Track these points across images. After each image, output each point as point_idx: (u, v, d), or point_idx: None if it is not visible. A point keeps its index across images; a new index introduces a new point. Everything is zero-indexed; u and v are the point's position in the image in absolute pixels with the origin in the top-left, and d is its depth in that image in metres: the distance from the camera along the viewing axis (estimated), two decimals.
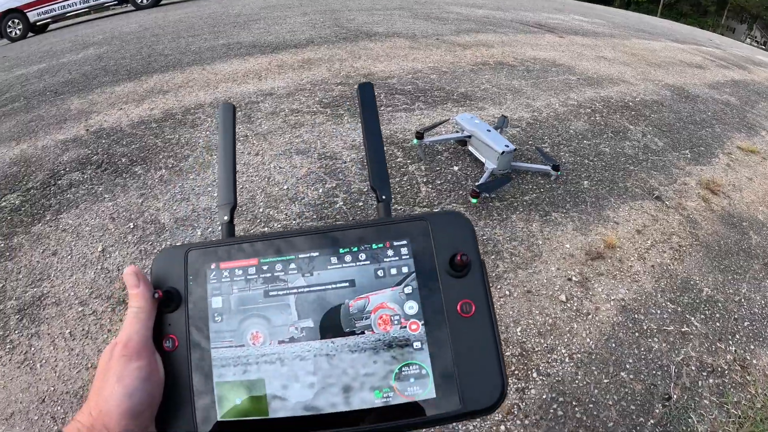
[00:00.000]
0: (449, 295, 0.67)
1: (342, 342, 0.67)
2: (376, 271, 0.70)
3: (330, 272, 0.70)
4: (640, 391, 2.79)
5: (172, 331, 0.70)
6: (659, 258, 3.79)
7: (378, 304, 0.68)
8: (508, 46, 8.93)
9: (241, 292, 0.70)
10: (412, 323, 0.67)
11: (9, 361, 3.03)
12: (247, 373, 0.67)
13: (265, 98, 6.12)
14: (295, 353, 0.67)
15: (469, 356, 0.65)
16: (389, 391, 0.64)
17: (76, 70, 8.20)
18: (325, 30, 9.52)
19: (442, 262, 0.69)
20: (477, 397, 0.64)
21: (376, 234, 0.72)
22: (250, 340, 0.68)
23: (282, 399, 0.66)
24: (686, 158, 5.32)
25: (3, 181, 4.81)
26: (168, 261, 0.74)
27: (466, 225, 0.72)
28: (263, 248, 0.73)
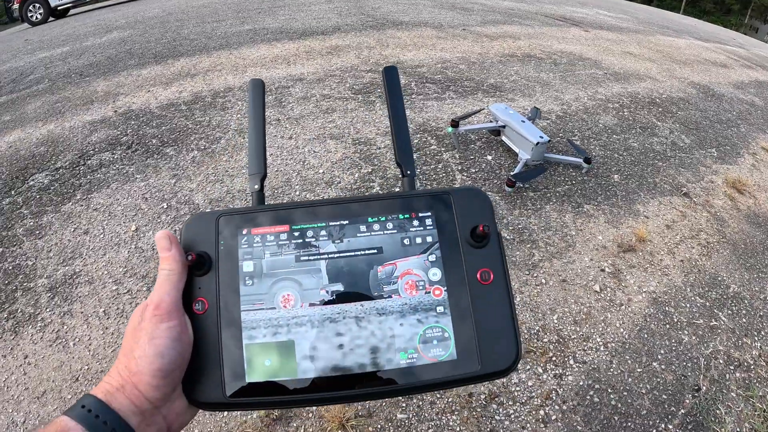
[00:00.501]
0: (470, 264, 0.71)
1: (371, 305, 0.70)
2: (402, 239, 0.73)
3: (359, 239, 0.73)
4: (671, 381, 2.84)
5: (202, 294, 0.71)
6: (688, 253, 3.83)
7: (404, 270, 0.71)
8: (535, 39, 8.92)
9: (273, 257, 0.73)
10: (436, 289, 0.70)
11: (40, 339, 3.07)
12: (278, 335, 0.69)
13: (296, 83, 6.15)
14: (325, 315, 0.70)
15: (488, 321, 0.69)
16: (414, 352, 0.68)
17: (101, 53, 8.24)
18: (351, 18, 9.51)
19: (463, 233, 0.73)
20: (494, 360, 0.68)
21: (402, 205, 0.76)
22: (281, 302, 0.71)
23: (311, 360, 0.68)
24: (713, 157, 5.33)
25: (31, 160, 4.87)
26: (199, 226, 0.76)
27: (486, 200, 0.76)
28: (295, 215, 0.75)
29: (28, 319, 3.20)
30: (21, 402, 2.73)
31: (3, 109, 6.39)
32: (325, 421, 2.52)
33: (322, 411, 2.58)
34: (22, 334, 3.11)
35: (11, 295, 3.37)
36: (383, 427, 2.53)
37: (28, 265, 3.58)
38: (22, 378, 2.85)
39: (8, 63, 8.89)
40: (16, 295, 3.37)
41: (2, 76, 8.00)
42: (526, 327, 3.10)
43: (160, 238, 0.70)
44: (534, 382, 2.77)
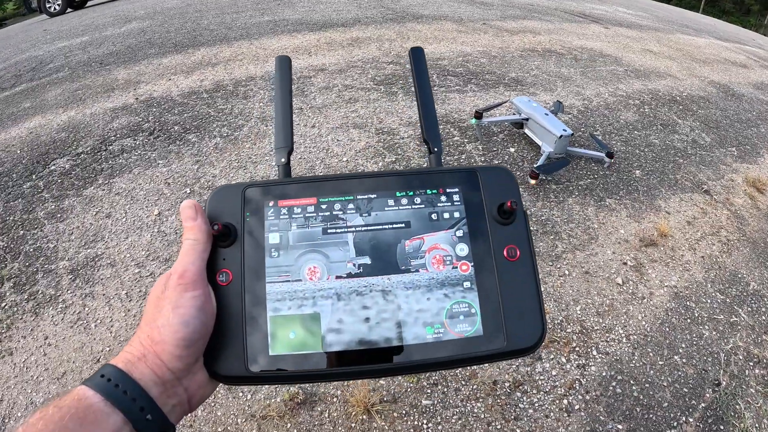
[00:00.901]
0: (496, 240, 0.71)
1: (398, 279, 0.70)
2: (430, 214, 0.73)
3: (387, 213, 0.73)
4: (692, 375, 2.84)
5: (227, 266, 0.71)
6: (708, 250, 3.83)
7: (432, 244, 0.71)
8: (555, 34, 8.89)
9: (300, 229, 0.72)
10: (463, 264, 0.70)
11: (61, 321, 3.08)
12: (303, 307, 0.69)
13: (317, 73, 6.17)
14: (352, 288, 0.69)
15: (514, 298, 0.69)
16: (440, 327, 0.68)
17: (120, 43, 8.27)
18: (371, 10, 9.52)
19: (490, 210, 0.73)
20: (520, 337, 0.68)
21: (430, 180, 0.75)
22: (307, 275, 0.70)
23: (337, 333, 0.67)
24: (733, 155, 5.31)
25: (51, 145, 4.90)
26: (224, 198, 0.75)
27: (512, 178, 0.76)
28: (322, 188, 0.75)
29: (49, 300, 3.22)
30: (41, 383, 2.75)
31: (23, 96, 6.45)
32: (350, 405, 2.54)
33: (347, 395, 2.60)
34: (42, 315, 3.13)
35: (32, 276, 3.40)
36: (408, 412, 2.54)
37: (49, 248, 3.61)
38: (42, 359, 2.88)
39: (27, 52, 8.94)
40: (37, 276, 3.39)
41: (22, 64, 8.06)
42: (550, 317, 3.10)
43: (186, 207, 0.70)
44: (558, 372, 2.78)
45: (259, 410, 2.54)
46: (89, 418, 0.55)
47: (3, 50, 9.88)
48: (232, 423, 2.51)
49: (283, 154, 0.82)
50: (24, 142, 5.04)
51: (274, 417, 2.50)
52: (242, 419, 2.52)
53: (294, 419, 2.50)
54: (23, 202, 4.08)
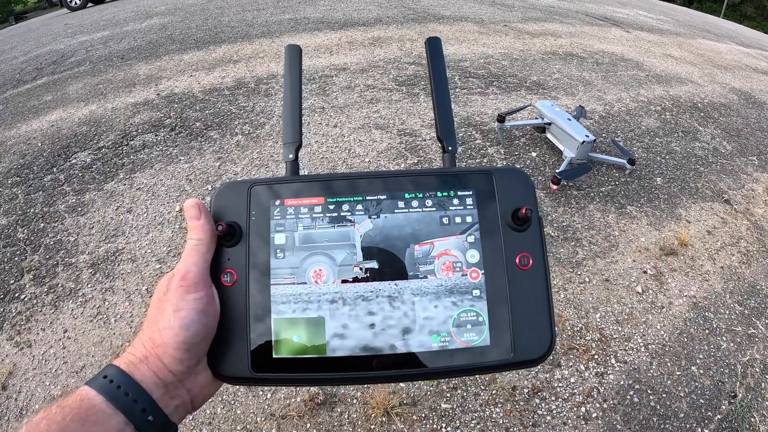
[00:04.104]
0: (509, 247, 0.69)
1: (405, 285, 0.68)
2: (441, 218, 0.70)
3: (397, 216, 0.71)
4: (709, 386, 2.83)
5: (231, 266, 0.69)
6: (728, 260, 3.80)
7: (442, 250, 0.69)
8: (576, 38, 8.85)
9: (306, 230, 0.70)
10: (473, 271, 0.68)
11: (81, 315, 3.11)
12: (308, 310, 0.67)
13: (339, 73, 6.18)
14: (358, 293, 0.68)
15: (524, 308, 0.67)
16: (447, 336, 0.66)
17: (142, 38, 8.33)
18: (392, 10, 9.51)
19: (504, 215, 0.70)
20: (528, 348, 0.66)
21: (442, 182, 0.72)
22: (312, 277, 0.68)
23: (341, 338, 0.66)
24: (754, 165, 5.26)
25: (73, 139, 4.95)
26: (230, 195, 0.73)
27: (528, 182, 0.73)
28: (330, 188, 0.72)
29: (69, 294, 3.25)
30: (59, 375, 2.78)
31: (44, 90, 6.52)
32: (369, 407, 2.55)
33: (366, 397, 2.61)
34: (62, 308, 3.16)
35: (52, 269, 3.43)
36: (427, 416, 2.55)
37: (69, 241, 3.64)
38: (61, 352, 2.91)
39: (48, 46, 9.03)
40: (57, 270, 3.43)
41: (43, 58, 8.13)
42: (570, 324, 3.10)
43: (189, 206, 0.68)
44: (576, 379, 2.78)
45: (279, 409, 2.56)
46: (91, 419, 0.56)
47: (25, 43, 9.96)
48: (251, 422, 2.52)
49: (291, 150, 0.80)
50: (45, 135, 5.10)
51: (294, 417, 2.52)
52: (262, 418, 2.54)
53: (314, 419, 2.52)
54: (44, 195, 4.12)
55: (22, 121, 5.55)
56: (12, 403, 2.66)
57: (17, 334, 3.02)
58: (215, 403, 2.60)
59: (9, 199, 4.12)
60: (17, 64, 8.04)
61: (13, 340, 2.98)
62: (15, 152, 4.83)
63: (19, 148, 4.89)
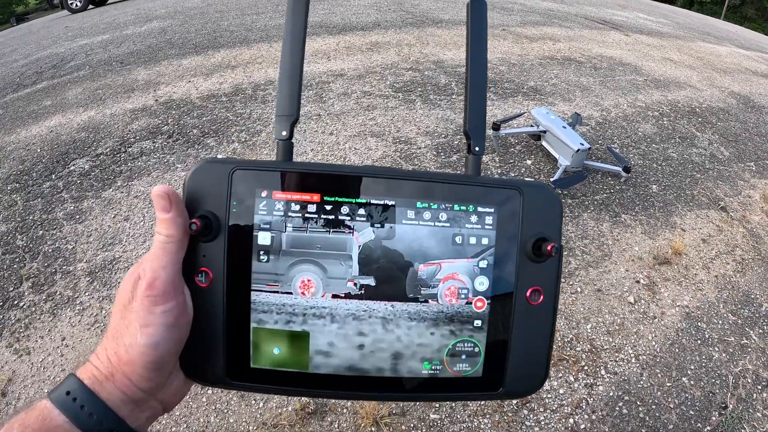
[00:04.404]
0: (523, 279, 0.63)
1: (402, 308, 0.63)
2: (454, 236, 0.64)
3: (404, 228, 0.63)
4: (699, 397, 2.85)
5: (207, 264, 0.62)
6: (722, 269, 3.81)
7: (449, 273, 0.63)
8: (575, 42, 8.85)
9: (296, 232, 0.63)
10: (479, 300, 0.63)
11: (78, 323, 3.13)
12: (291, 324, 0.62)
13: (336, 79, 6.20)
14: (349, 311, 0.63)
15: (524, 344, 0.64)
16: (439, 364, 0.63)
17: (141, 42, 8.34)
18: (391, 14, 9.53)
19: (524, 243, 0.64)
20: (519, 382, 0.64)
21: (462, 193, 0.64)
22: (299, 288, 0.62)
23: (326, 356, 0.63)
24: (751, 171, 5.27)
25: (71, 145, 4.96)
26: (207, 178, 0.63)
27: (558, 205, 0.66)
28: (329, 183, 0.63)
29: (67, 302, 3.27)
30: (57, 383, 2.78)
31: (44, 94, 6.54)
32: (359, 417, 2.58)
33: (356, 407, 2.63)
34: (60, 316, 3.18)
35: (50, 277, 3.45)
36: (416, 426, 2.57)
37: (68, 249, 3.66)
38: (58, 359, 2.93)
39: (49, 49, 9.05)
40: (56, 278, 3.45)
41: (43, 61, 8.15)
42: (560, 335, 3.13)
43: (157, 196, 0.59)
44: (565, 390, 2.79)
45: (270, 418, 2.58)
46: None
47: (25, 46, 9.99)
48: (243, 430, 2.55)
49: (286, 126, 0.68)
50: (44, 140, 5.12)
51: (285, 426, 2.54)
52: (254, 427, 2.56)
53: (304, 428, 2.54)
54: (42, 202, 4.14)
55: (21, 126, 5.57)
56: (11, 410, 2.66)
57: (16, 341, 3.04)
58: (209, 412, 2.63)
59: (8, 206, 4.14)
60: (17, 67, 8.06)
61: (12, 348, 3.01)
62: (14, 158, 4.86)
63: (18, 154, 4.92)
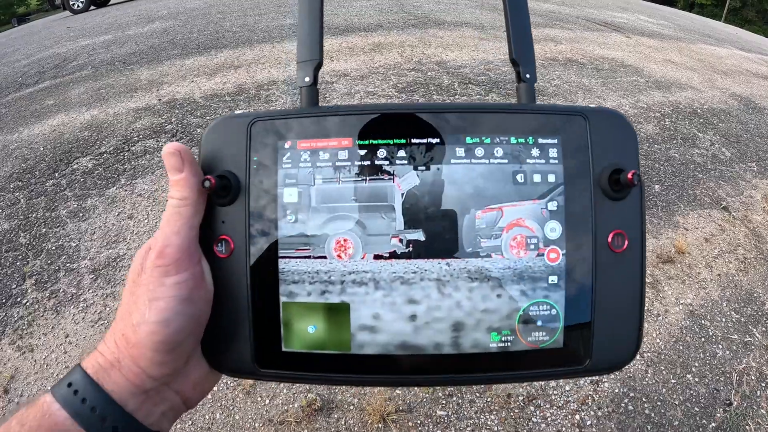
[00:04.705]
0: (601, 222, 0.55)
1: (460, 265, 0.54)
2: (515, 174, 0.55)
3: (454, 168, 0.55)
4: (704, 394, 2.85)
5: (227, 231, 0.55)
6: (725, 268, 3.82)
7: (513, 220, 0.55)
8: (576, 43, 8.85)
9: (327, 184, 0.55)
10: (552, 251, 0.55)
11: (82, 320, 3.13)
12: (327, 294, 0.54)
13: (339, 79, 6.20)
14: (395, 274, 0.54)
15: (611, 303, 0.55)
16: (510, 334, 0.54)
17: (144, 43, 8.33)
18: (393, 15, 9.52)
19: (598, 176, 0.55)
20: (607, 353, 0.55)
21: (519, 123, 0.57)
22: (334, 250, 0.55)
23: (371, 331, 0.54)
24: (753, 171, 5.28)
25: (75, 144, 4.97)
26: (224, 136, 0.57)
27: (632, 132, 0.57)
28: (362, 124, 0.56)
29: (71, 299, 3.28)
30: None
31: (47, 94, 6.54)
32: (366, 414, 2.58)
33: (363, 404, 2.64)
34: (63, 313, 3.19)
35: (54, 275, 3.45)
36: (423, 422, 2.58)
37: (71, 247, 3.66)
38: (62, 356, 2.93)
39: (51, 49, 9.03)
40: (59, 275, 3.45)
41: (45, 61, 8.14)
42: None
43: (168, 154, 0.52)
44: (571, 387, 2.80)
45: (276, 415, 2.59)
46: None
47: (27, 46, 9.98)
48: (249, 427, 2.55)
49: (308, 71, 0.61)
50: (47, 139, 5.12)
51: (292, 422, 2.55)
52: (260, 423, 2.56)
53: (311, 425, 2.55)
54: (46, 200, 4.14)
55: (24, 125, 5.58)
56: (14, 407, 2.65)
57: (19, 338, 3.05)
58: (214, 409, 2.63)
59: (11, 204, 4.14)
60: (20, 67, 8.06)
61: (15, 345, 3.01)
62: (17, 156, 4.86)
63: (21, 153, 4.92)
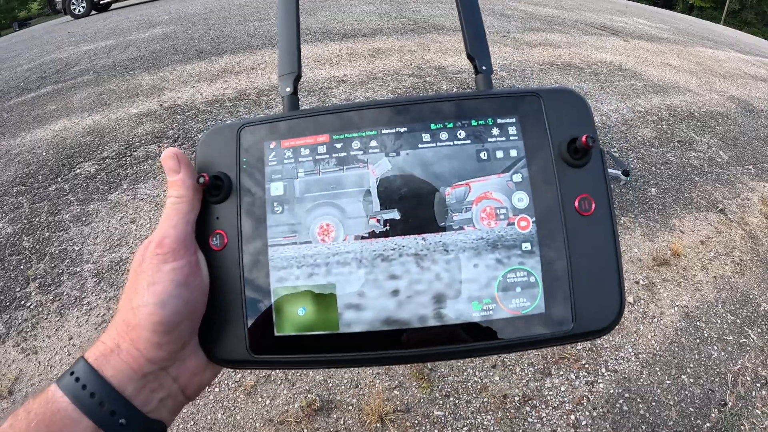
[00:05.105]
0: (566, 188, 0.57)
1: (436, 239, 0.57)
2: (478, 152, 0.59)
3: (421, 152, 0.59)
4: (699, 395, 2.88)
5: (221, 226, 0.60)
6: (721, 270, 3.85)
7: (481, 193, 0.58)
8: (575, 47, 8.88)
9: (309, 176, 0.60)
10: (522, 219, 0.57)
11: (86, 322, 3.17)
12: (314, 276, 0.58)
13: (339, 85, 6.24)
14: (376, 252, 0.57)
15: (586, 264, 0.56)
16: (490, 302, 0.56)
17: (145, 48, 8.37)
18: (392, 21, 9.56)
19: (557, 147, 0.58)
20: (591, 314, 0.55)
21: (477, 107, 0.60)
22: (318, 235, 0.58)
23: (357, 309, 0.57)
24: (749, 173, 5.31)
25: (77, 149, 5.00)
26: (217, 143, 0.62)
27: (585, 105, 0.60)
28: (336, 121, 0.61)
29: (74, 302, 3.31)
30: None
31: (48, 99, 6.57)
32: (364, 413, 2.62)
33: (362, 404, 2.67)
34: (67, 316, 3.22)
35: (57, 278, 3.48)
36: (420, 422, 2.61)
37: (74, 251, 3.70)
38: (66, 358, 2.96)
39: (52, 54, 9.08)
40: (62, 278, 3.48)
41: (47, 66, 8.18)
42: None
43: (166, 157, 0.59)
44: (566, 388, 2.84)
45: (277, 415, 2.62)
46: (57, 425, 0.50)
47: (29, 51, 10.03)
48: (250, 427, 2.59)
49: (289, 83, 0.67)
50: (50, 144, 5.15)
51: (292, 422, 2.58)
52: (260, 423, 2.60)
53: (311, 425, 2.58)
54: (49, 204, 4.18)
55: (26, 129, 5.61)
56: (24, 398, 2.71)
57: (23, 340, 3.08)
58: (216, 409, 2.67)
59: (14, 208, 4.18)
60: (21, 72, 8.10)
61: (19, 347, 3.05)
62: (20, 161, 4.90)
63: (23, 157, 4.96)
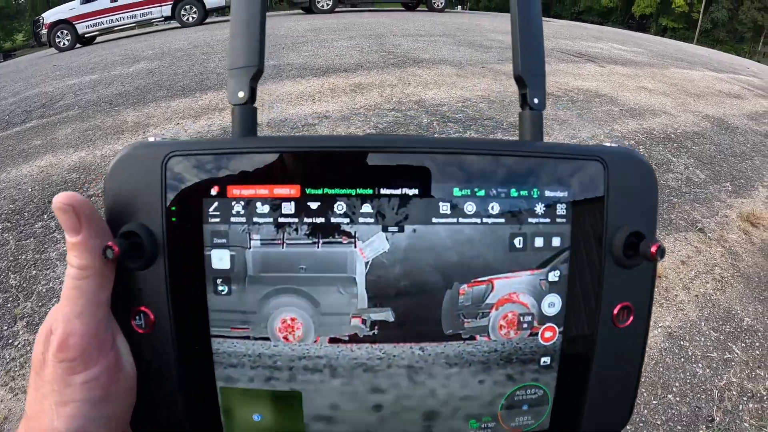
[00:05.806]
0: (609, 293, 0.46)
1: (437, 350, 0.44)
2: (512, 238, 0.44)
3: (435, 230, 0.43)
4: (686, 413, 2.91)
5: (145, 301, 0.44)
6: (702, 288, 3.90)
7: (505, 294, 0.44)
8: (552, 76, 8.94)
9: (267, 246, 0.43)
10: (547, 329, 0.45)
11: None
12: (273, 381, 0.44)
13: (321, 121, 6.27)
14: (356, 360, 0.44)
15: (607, 380, 0.47)
16: (491, 421, 0.46)
17: (129, 83, 8.36)
18: (373, 55, 9.63)
19: (611, 239, 0.45)
20: (598, 425, 0.48)
21: (525, 169, 0.45)
22: (279, 332, 0.44)
23: (328, 422, 0.45)
24: (727, 191, 5.39)
25: (63, 186, 4.95)
26: (134, 175, 0.45)
27: (654, 183, 0.48)
28: (313, 165, 0.44)
29: None
30: None
31: (34, 134, 6.55)
32: None
33: None
34: None
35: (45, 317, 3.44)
36: None
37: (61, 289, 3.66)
38: None
39: (37, 87, 9.07)
40: None
41: (32, 100, 8.17)
42: None
43: (59, 210, 0.40)
44: None
45: None
46: None
47: (13, 84, 10.01)
48: None
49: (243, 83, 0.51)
50: (35, 180, 5.13)
51: None
52: None
53: None
54: (35, 242, 4.15)
55: (12, 164, 5.59)
56: None
57: (12, 380, 3.06)
58: None
59: (0, 245, 4.17)
60: (6, 105, 8.07)
61: (7, 386, 3.02)
62: (5, 197, 4.87)
63: (9, 193, 4.93)
